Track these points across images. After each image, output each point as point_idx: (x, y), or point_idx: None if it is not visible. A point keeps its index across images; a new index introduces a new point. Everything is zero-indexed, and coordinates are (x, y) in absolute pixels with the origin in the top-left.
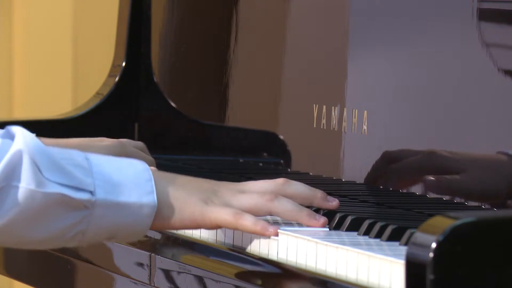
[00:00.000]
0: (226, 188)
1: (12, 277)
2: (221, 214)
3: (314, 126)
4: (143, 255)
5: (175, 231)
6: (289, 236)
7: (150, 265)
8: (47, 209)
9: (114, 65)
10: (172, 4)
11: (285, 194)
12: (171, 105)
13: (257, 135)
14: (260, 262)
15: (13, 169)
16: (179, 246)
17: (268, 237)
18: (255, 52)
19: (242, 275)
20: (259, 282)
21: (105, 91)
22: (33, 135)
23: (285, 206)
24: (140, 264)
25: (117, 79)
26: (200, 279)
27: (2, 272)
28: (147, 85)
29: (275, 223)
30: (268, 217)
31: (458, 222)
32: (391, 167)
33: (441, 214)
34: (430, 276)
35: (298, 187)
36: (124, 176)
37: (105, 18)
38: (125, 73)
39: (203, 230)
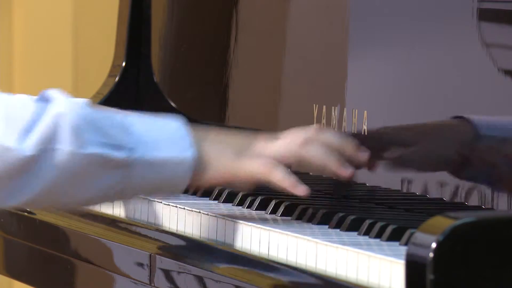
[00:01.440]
0: (260, 139)
1: (12, 277)
2: (254, 165)
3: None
4: (143, 255)
5: (175, 230)
6: (289, 236)
7: (150, 265)
8: (88, 170)
9: (114, 65)
10: (172, 4)
11: (317, 140)
12: (171, 105)
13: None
14: (260, 262)
15: (54, 132)
16: (179, 246)
17: (297, 195)
18: (255, 52)
19: (242, 275)
20: (259, 282)
21: (105, 91)
22: (70, 97)
23: (315, 151)
24: (140, 264)
25: (117, 79)
26: (200, 279)
27: (2, 272)
28: (147, 85)
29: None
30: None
31: (458, 222)
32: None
33: (441, 214)
34: (430, 276)
35: (330, 135)
36: (161, 133)
37: (105, 18)
38: (125, 73)
39: (203, 229)
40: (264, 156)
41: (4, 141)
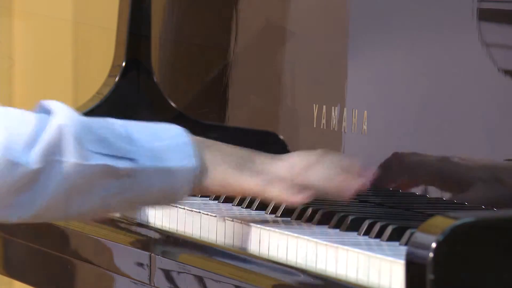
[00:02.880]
0: (264, 156)
1: (12, 277)
2: (252, 182)
3: (314, 126)
4: (143, 255)
5: (174, 230)
6: (289, 236)
7: (150, 265)
8: (92, 181)
9: (114, 65)
10: (172, 4)
11: (321, 164)
12: (171, 105)
13: (257, 135)
14: (260, 262)
15: (56, 144)
16: (179, 246)
17: (296, 205)
18: (255, 52)
19: (242, 275)
20: (259, 282)
21: (105, 91)
22: (70, 108)
23: (318, 175)
24: (140, 264)
25: (117, 79)
26: (200, 279)
27: (2, 272)
28: (147, 85)
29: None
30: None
31: (458, 222)
32: (399, 169)
33: (441, 214)
34: (430, 276)
35: (335, 158)
36: (163, 141)
37: (105, 18)
38: (125, 73)
39: (203, 229)
40: (264, 174)
41: (9, 155)
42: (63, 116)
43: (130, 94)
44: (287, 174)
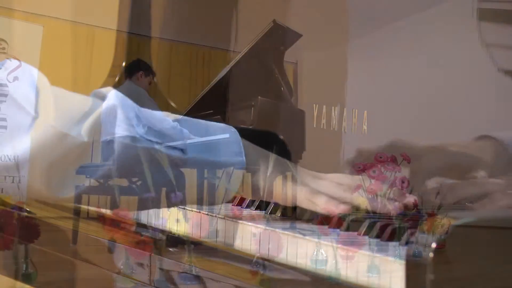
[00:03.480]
0: (306, 172)
1: (12, 277)
2: (299, 191)
3: (314, 126)
4: (143, 255)
5: (175, 230)
6: (289, 236)
7: (150, 265)
8: (141, 164)
9: (114, 65)
10: (172, 4)
11: (361, 187)
12: (171, 105)
13: (257, 135)
14: (260, 262)
15: (107, 123)
16: (179, 246)
17: (337, 214)
18: (256, 52)
19: (242, 275)
20: (259, 282)
21: None
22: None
23: (359, 196)
24: (140, 264)
25: (117, 79)
26: (200, 279)
27: (3, 272)
28: (147, 85)
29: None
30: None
31: (458, 222)
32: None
33: (441, 214)
34: (430, 276)
35: (374, 185)
36: (214, 137)
37: (105, 18)
38: (125, 73)
39: (203, 229)
40: (309, 187)
41: (62, 127)
42: (117, 98)
43: (130, 94)
44: (330, 191)
